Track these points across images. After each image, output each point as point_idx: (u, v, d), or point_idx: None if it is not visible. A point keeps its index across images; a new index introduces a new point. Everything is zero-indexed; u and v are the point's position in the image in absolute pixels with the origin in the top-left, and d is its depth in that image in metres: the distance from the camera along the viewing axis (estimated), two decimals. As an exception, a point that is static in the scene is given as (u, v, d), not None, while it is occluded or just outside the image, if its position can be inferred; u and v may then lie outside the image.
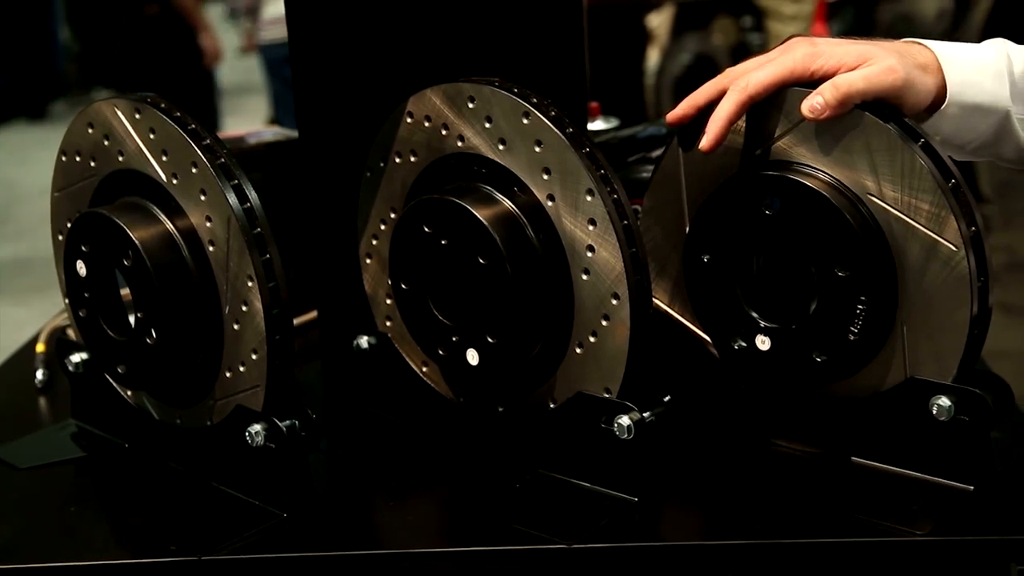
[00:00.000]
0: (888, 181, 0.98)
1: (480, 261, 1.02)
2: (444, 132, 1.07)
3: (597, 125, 1.55)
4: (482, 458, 1.11)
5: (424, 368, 1.18)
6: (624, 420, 0.99)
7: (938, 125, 1.05)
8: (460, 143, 1.06)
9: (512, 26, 1.19)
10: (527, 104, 1.01)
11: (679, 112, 1.07)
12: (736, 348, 1.08)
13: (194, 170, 1.00)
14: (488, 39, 1.19)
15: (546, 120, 1.00)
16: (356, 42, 1.20)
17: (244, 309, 1.00)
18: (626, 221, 0.99)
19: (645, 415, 1.00)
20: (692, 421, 1.12)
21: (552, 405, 1.07)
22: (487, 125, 1.04)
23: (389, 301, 1.17)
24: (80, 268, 1.09)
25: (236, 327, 1.02)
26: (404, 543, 0.98)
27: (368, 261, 1.18)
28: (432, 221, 1.05)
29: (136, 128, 1.05)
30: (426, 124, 1.09)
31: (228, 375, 1.04)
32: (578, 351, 1.04)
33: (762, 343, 1.06)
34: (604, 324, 1.01)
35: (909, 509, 0.97)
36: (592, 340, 1.02)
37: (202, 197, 1.01)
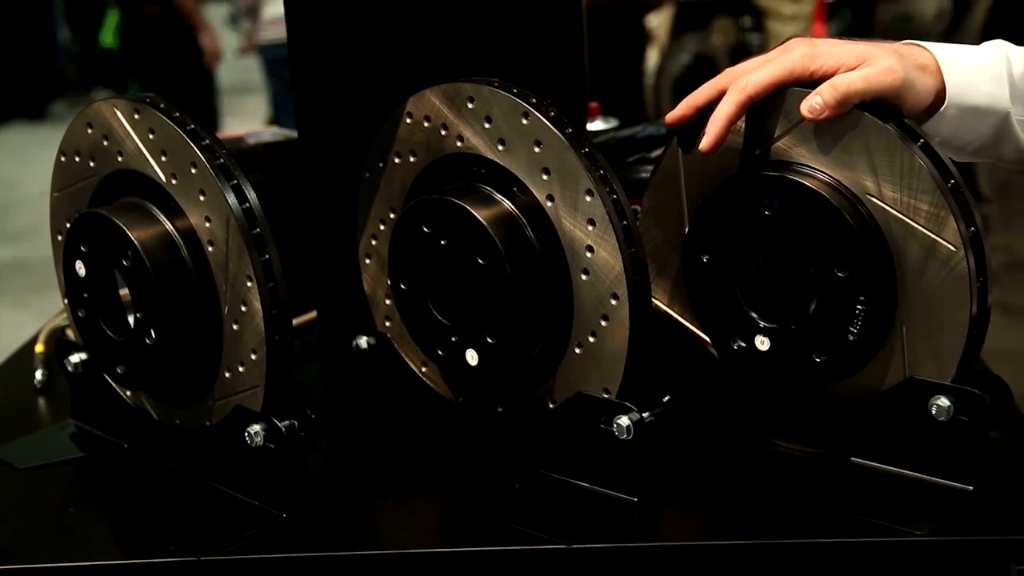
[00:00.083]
0: (887, 181, 0.98)
1: (479, 261, 1.02)
2: (443, 132, 1.07)
3: (596, 125, 1.55)
4: (482, 458, 1.11)
5: (423, 368, 1.18)
6: (623, 420, 0.99)
7: (937, 127, 1.05)
8: (459, 143, 1.06)
9: (512, 26, 1.20)
10: (526, 104, 1.01)
11: (678, 112, 1.07)
12: (735, 348, 1.08)
13: (193, 170, 1.00)
14: (488, 39, 1.19)
15: (545, 120, 1.00)
16: (356, 42, 1.20)
17: (243, 309, 1.00)
18: (625, 221, 0.99)
19: (644, 415, 1.00)
20: (691, 421, 1.12)
21: (551, 405, 1.07)
22: (486, 125, 1.04)
23: (388, 301, 1.17)
24: (79, 268, 1.09)
25: (235, 327, 1.02)
26: (404, 543, 0.98)
27: (367, 261, 1.18)
28: (431, 221, 1.05)
29: (135, 128, 1.05)
30: (425, 124, 1.09)
31: (227, 375, 1.04)
32: (577, 351, 1.04)
33: (761, 343, 1.06)
34: (603, 324, 1.01)
35: (908, 509, 0.97)
36: (591, 340, 1.02)
37: (201, 197, 1.01)
